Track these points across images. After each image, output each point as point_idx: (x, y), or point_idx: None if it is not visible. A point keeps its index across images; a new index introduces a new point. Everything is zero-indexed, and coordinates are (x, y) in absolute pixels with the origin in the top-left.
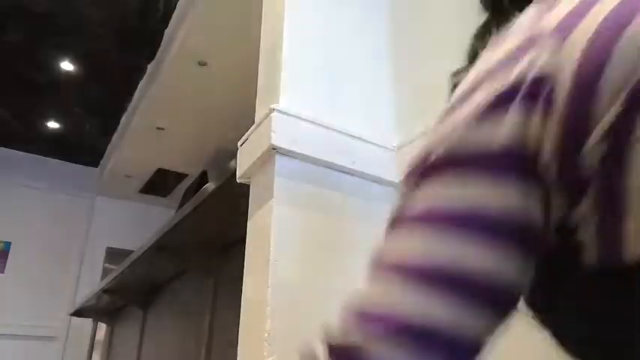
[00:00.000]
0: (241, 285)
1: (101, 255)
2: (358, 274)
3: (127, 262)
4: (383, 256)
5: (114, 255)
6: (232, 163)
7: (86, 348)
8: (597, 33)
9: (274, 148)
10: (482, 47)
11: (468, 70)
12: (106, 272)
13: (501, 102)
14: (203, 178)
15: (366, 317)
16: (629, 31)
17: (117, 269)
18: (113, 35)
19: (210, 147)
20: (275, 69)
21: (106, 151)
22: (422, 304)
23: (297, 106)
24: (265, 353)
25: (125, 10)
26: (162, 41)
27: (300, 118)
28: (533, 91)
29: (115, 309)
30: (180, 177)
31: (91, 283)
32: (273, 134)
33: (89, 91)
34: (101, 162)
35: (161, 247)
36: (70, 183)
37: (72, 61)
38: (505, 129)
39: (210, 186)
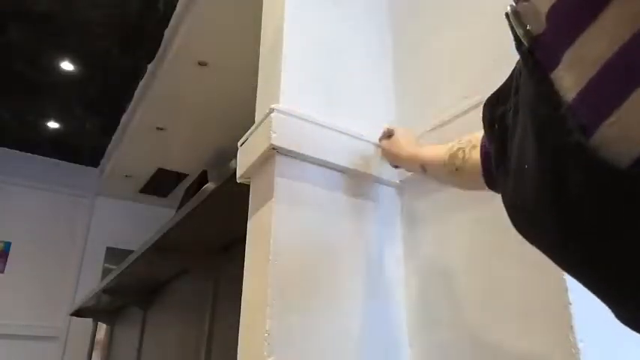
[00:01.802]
0: (241, 285)
1: (101, 255)
2: (358, 273)
3: (126, 262)
4: None
5: (114, 255)
6: (232, 163)
7: (86, 348)
8: None
9: (274, 148)
10: None
11: None
12: (106, 272)
13: None
14: (203, 178)
15: None
16: None
17: (117, 269)
18: (113, 35)
19: (210, 147)
20: (275, 69)
21: (106, 151)
22: None
23: (297, 106)
24: (265, 353)
25: (125, 10)
26: (162, 41)
27: (300, 118)
28: None
29: (115, 309)
30: (180, 177)
31: (91, 283)
32: (273, 134)
33: (89, 91)
34: (101, 162)
35: (161, 247)
36: (70, 183)
37: (72, 61)
38: None
39: (210, 186)
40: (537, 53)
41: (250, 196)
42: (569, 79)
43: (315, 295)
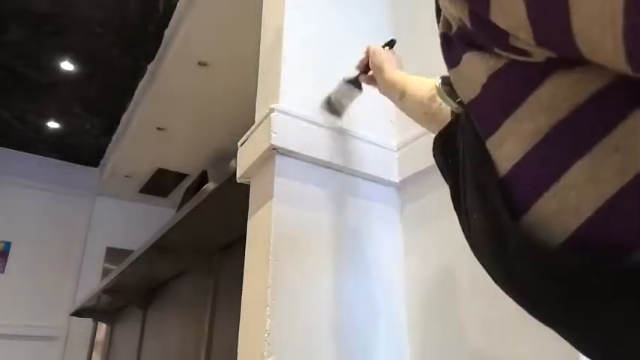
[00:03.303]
0: (241, 285)
1: (101, 255)
2: (358, 273)
3: (127, 262)
4: None
5: (114, 255)
6: (232, 163)
7: (86, 348)
8: None
9: (274, 148)
10: None
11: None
12: (106, 272)
13: None
14: (203, 178)
15: None
16: None
17: (117, 269)
18: (113, 35)
19: (210, 147)
20: (275, 69)
21: (106, 151)
22: None
23: (297, 106)
24: (265, 353)
25: (125, 10)
26: (162, 41)
27: (300, 118)
28: None
29: (115, 309)
30: (180, 177)
31: (91, 283)
32: (273, 134)
33: (89, 91)
34: (101, 162)
35: (161, 247)
36: (70, 183)
37: (72, 61)
38: None
39: (210, 186)
40: (473, 120)
41: (250, 196)
42: (506, 149)
43: (316, 296)
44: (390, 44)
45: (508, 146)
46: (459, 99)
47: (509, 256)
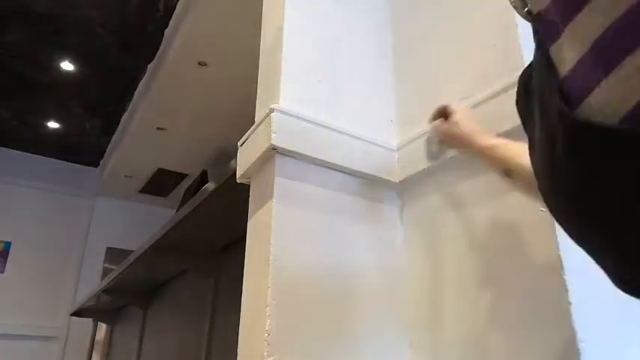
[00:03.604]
0: (241, 285)
1: (101, 255)
2: (358, 274)
3: (127, 262)
4: None
5: (114, 255)
6: (232, 163)
7: (86, 348)
8: None
9: (274, 148)
10: None
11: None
12: (106, 272)
13: None
14: (203, 178)
15: None
16: None
17: (117, 269)
18: (113, 35)
19: (210, 147)
20: (275, 69)
21: (106, 151)
22: None
23: (297, 106)
24: (265, 353)
25: (125, 10)
26: (162, 41)
27: (300, 118)
28: None
29: (115, 309)
30: (180, 177)
31: (91, 283)
32: (273, 134)
33: (89, 91)
34: (101, 162)
35: (161, 247)
36: (70, 183)
37: (72, 61)
38: None
39: (210, 186)
40: (539, 28)
41: (250, 196)
42: (565, 52)
43: (315, 295)
44: (446, 114)
45: (567, 49)
46: (527, 8)
47: (561, 152)
